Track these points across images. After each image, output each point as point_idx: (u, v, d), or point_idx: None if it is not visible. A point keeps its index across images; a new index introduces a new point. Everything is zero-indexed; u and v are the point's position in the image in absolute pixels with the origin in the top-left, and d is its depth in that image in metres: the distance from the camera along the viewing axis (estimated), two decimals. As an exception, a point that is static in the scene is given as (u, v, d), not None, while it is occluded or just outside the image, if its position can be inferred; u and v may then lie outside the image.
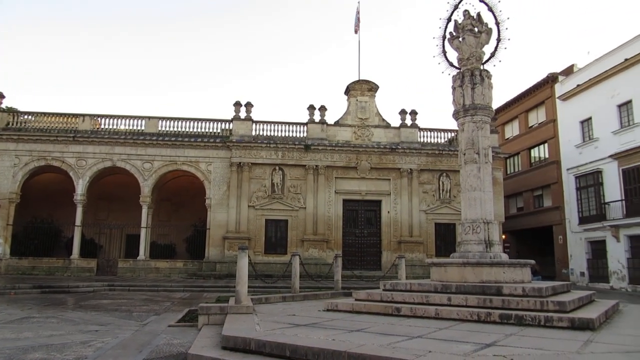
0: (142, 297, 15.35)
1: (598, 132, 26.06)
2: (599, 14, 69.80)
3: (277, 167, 25.32)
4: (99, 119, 25.63)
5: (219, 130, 25.91)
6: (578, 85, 27.46)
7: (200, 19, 77.17)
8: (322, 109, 26.33)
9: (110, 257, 26.01)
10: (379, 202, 26.09)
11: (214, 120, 26.02)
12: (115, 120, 25.60)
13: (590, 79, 26.51)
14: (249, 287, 9.88)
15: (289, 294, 12.23)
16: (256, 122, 25.87)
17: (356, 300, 9.69)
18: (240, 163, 25.06)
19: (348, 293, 12.67)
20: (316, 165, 25.45)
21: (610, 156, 24.76)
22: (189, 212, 27.44)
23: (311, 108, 26.21)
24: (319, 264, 23.95)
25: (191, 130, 25.65)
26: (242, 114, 25.83)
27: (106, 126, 25.53)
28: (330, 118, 26.53)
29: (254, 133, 25.60)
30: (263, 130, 25.84)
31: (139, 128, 25.37)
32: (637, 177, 23.38)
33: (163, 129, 25.41)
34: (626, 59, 24.18)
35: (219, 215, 24.74)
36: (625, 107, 24.51)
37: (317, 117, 26.21)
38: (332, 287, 14.66)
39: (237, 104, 25.91)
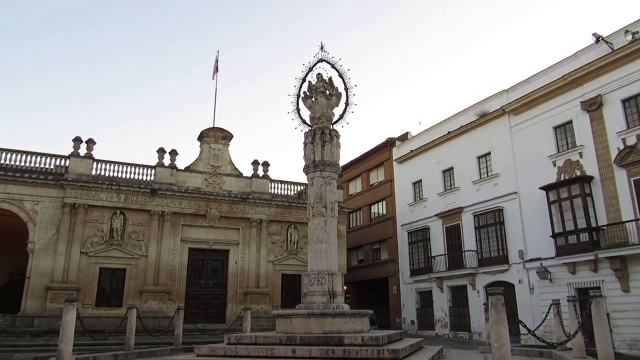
0: None
1: (427, 193, 29.26)
2: (433, 88, 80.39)
3: (118, 211, 23.39)
4: None
5: (52, 167, 23.22)
6: (411, 151, 30.76)
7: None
8: (173, 153, 25.43)
9: None
10: (226, 252, 25.55)
11: (47, 155, 23.15)
12: None
13: (420, 146, 29.92)
14: (74, 344, 8.74)
15: (121, 352, 11.11)
16: (98, 160, 23.80)
17: (198, 355, 9.18)
18: (75, 204, 22.58)
19: (189, 348, 11.96)
20: (162, 211, 24.19)
21: (436, 215, 27.85)
22: (6, 258, 23.67)
23: (161, 151, 25.12)
24: (159, 317, 22.31)
25: (18, 164, 22.51)
26: (82, 150, 23.56)
27: None
28: (181, 163, 25.88)
29: (94, 172, 23.47)
30: (105, 171, 23.84)
31: (-53, 157, 21.56)
32: (457, 234, 26.54)
33: (-20, 160, 21.91)
34: (449, 132, 27.93)
35: (44, 262, 21.73)
36: (448, 172, 28.00)
37: (167, 161, 25.21)
38: (172, 342, 13.70)
39: (77, 140, 23.54)
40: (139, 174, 24.61)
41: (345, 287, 29.73)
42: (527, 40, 75.65)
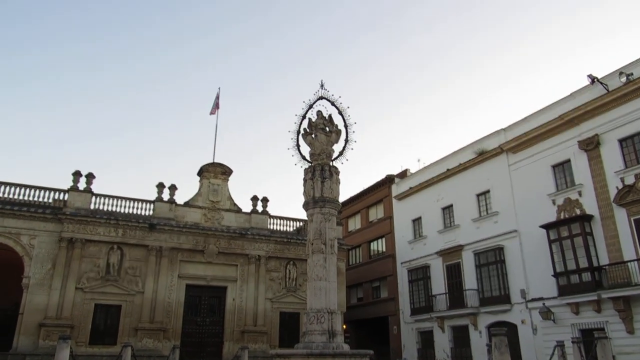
0: None
1: (426, 231, 29.10)
2: (432, 126, 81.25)
3: (115, 246, 23.15)
4: None
5: (50, 201, 23.13)
6: (410, 188, 30.79)
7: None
8: (172, 187, 25.40)
9: None
10: (224, 289, 25.16)
11: (45, 189, 23.03)
12: None
13: (420, 183, 29.99)
14: (66, 385, 8.51)
15: (114, 392, 10.77)
16: (97, 195, 23.74)
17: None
18: (72, 239, 22.36)
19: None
20: (160, 247, 23.96)
21: (436, 252, 27.64)
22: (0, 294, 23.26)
23: (160, 186, 25.12)
24: (154, 356, 21.77)
25: (15, 197, 22.41)
26: (82, 185, 23.54)
27: None
28: (181, 198, 25.77)
29: (92, 207, 23.37)
30: (104, 205, 23.75)
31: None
32: (457, 273, 26.26)
33: (-22, 193, 21.86)
34: (448, 169, 28.05)
35: (39, 297, 21.35)
36: (448, 210, 27.95)
37: (166, 195, 25.16)
38: (166, 382, 13.32)
39: (77, 174, 23.55)
40: (137, 208, 24.49)
41: (344, 326, 29.18)
42: (524, 80, 77.19)
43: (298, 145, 13.09)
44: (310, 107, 13.26)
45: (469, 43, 73.86)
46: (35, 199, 22.89)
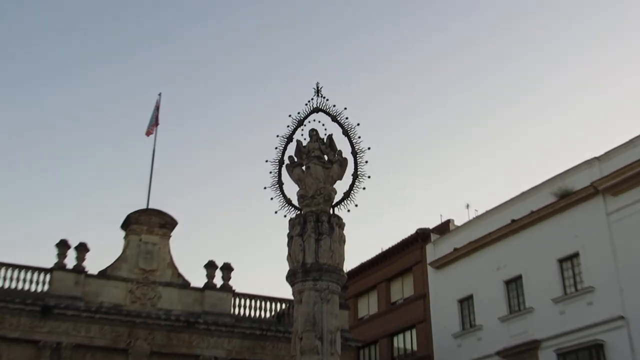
0: None
1: (481, 318, 28.75)
2: (487, 155, 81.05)
3: (-15, 343, 22.55)
4: None
5: None
6: (455, 249, 30.58)
7: None
8: (82, 248, 25.24)
9: None
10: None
11: None
12: None
13: (470, 242, 29.83)
14: None
15: None
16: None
17: None
18: None
19: None
20: (58, 343, 23.42)
21: (498, 353, 27.15)
22: None
23: (62, 246, 24.96)
24: None
25: None
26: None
27: None
28: (94, 265, 25.62)
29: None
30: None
31: None
32: (532, 385, 25.69)
33: None
34: (513, 221, 27.83)
35: None
36: (514, 284, 27.69)
37: (70, 260, 25.05)
38: None
39: None
40: (24, 280, 24.22)
41: None
42: (623, 83, 77.60)
43: (280, 183, 13.23)
44: (301, 123, 13.47)
45: (547, 42, 74.82)
46: None
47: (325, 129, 13.26)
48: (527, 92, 75.94)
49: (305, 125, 13.40)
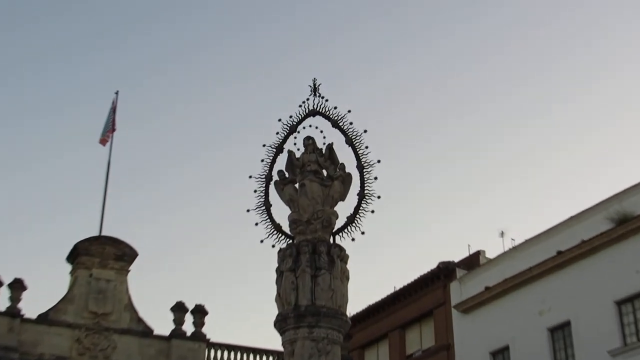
0: None
1: (520, 373, 28.46)
2: (523, 173, 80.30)
3: None
4: None
5: None
6: (487, 289, 30.00)
7: None
8: (17, 285, 25.13)
9: None
10: None
11: None
12: None
13: (506, 280, 29.26)
14: None
15: None
16: None
17: None
18: None
19: None
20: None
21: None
22: None
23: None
24: None
25: None
26: None
27: None
28: (33, 307, 25.53)
29: None
30: None
31: None
32: None
33: None
34: (559, 252, 27.25)
35: None
36: (560, 332, 27.16)
37: (4, 302, 25.05)
38: None
39: None
40: None
41: None
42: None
43: (267, 204, 13.17)
44: (293, 130, 13.40)
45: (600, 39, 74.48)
46: None
47: (324, 137, 13.21)
48: (574, 97, 75.44)
49: (299, 132, 13.35)
